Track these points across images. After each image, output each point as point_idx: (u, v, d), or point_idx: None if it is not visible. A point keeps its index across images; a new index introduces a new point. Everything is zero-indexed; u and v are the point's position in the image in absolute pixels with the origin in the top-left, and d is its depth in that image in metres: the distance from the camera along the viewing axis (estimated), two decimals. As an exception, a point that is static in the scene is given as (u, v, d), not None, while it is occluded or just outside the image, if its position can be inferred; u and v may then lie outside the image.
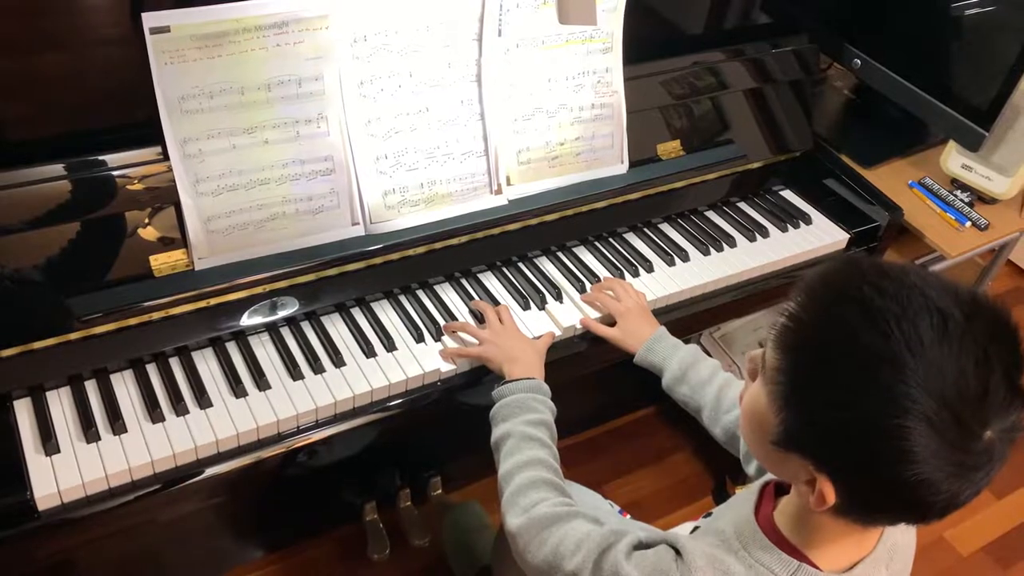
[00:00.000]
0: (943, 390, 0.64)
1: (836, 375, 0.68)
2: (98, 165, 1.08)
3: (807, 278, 0.73)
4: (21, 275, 1.04)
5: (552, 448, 1.05)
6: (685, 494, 1.86)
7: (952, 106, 1.53)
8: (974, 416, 0.65)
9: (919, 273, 0.70)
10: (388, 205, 1.24)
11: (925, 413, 0.64)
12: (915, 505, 0.69)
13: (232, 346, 1.17)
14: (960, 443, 0.65)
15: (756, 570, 0.78)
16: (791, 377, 0.71)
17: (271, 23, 1.10)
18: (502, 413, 1.07)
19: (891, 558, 0.82)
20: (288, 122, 1.15)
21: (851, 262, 0.74)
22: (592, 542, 0.87)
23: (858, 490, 0.71)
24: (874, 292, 0.68)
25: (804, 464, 0.72)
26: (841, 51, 1.71)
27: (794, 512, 0.80)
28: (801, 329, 0.71)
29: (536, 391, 1.09)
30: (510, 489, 0.98)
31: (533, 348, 1.18)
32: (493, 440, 1.07)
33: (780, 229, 1.53)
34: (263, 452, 1.09)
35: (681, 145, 1.48)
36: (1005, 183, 1.57)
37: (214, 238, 1.14)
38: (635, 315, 1.27)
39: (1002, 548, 1.87)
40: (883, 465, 0.67)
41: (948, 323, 0.66)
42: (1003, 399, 0.66)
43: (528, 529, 0.94)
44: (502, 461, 1.03)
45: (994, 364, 0.65)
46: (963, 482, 0.67)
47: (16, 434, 1.02)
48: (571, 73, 1.34)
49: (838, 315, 0.69)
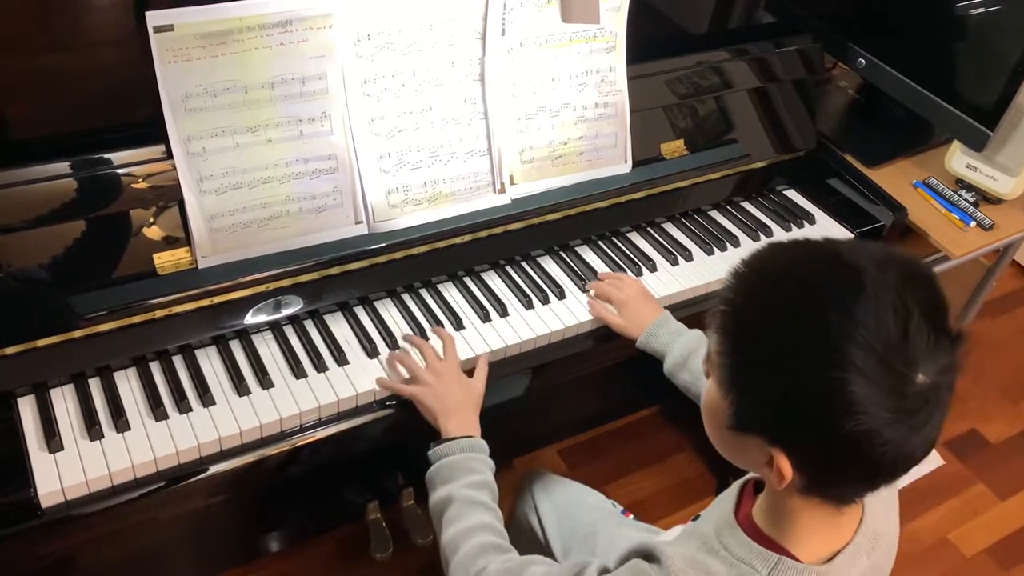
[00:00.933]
0: (866, 339, 0.66)
1: (768, 346, 0.72)
2: (102, 163, 1.08)
3: (735, 265, 0.77)
4: (25, 273, 1.05)
5: (496, 511, 1.02)
6: (687, 494, 1.86)
7: (957, 106, 1.53)
8: (900, 359, 0.67)
9: (834, 240, 0.75)
10: (391, 204, 1.24)
11: (854, 363, 0.66)
12: (864, 460, 0.70)
13: (235, 344, 1.17)
14: (893, 387, 0.67)
15: (737, 567, 0.78)
16: (732, 359, 0.75)
17: (274, 22, 1.10)
18: (442, 475, 1.04)
19: (873, 547, 0.82)
20: (291, 121, 1.15)
21: (773, 244, 0.78)
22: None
23: (809, 457, 0.72)
24: (790, 262, 0.74)
25: (760, 444, 0.74)
26: (845, 50, 1.71)
27: (768, 505, 0.81)
28: (734, 310, 0.75)
29: (474, 450, 1.06)
30: (457, 558, 0.96)
31: (470, 398, 1.13)
32: (432, 503, 1.03)
33: (784, 229, 1.52)
34: (266, 450, 1.09)
35: (685, 144, 1.48)
36: (1010, 183, 1.57)
37: (217, 236, 1.14)
38: (637, 301, 1.27)
39: (1005, 550, 1.87)
40: (825, 422, 0.69)
41: (863, 276, 0.69)
42: (927, 341, 0.68)
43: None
44: (445, 527, 0.99)
45: (911, 308, 0.68)
46: (905, 428, 0.69)
47: (20, 432, 1.02)
48: (574, 72, 1.34)
49: (762, 289, 0.74)
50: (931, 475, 1.97)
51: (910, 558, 1.79)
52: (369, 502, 1.56)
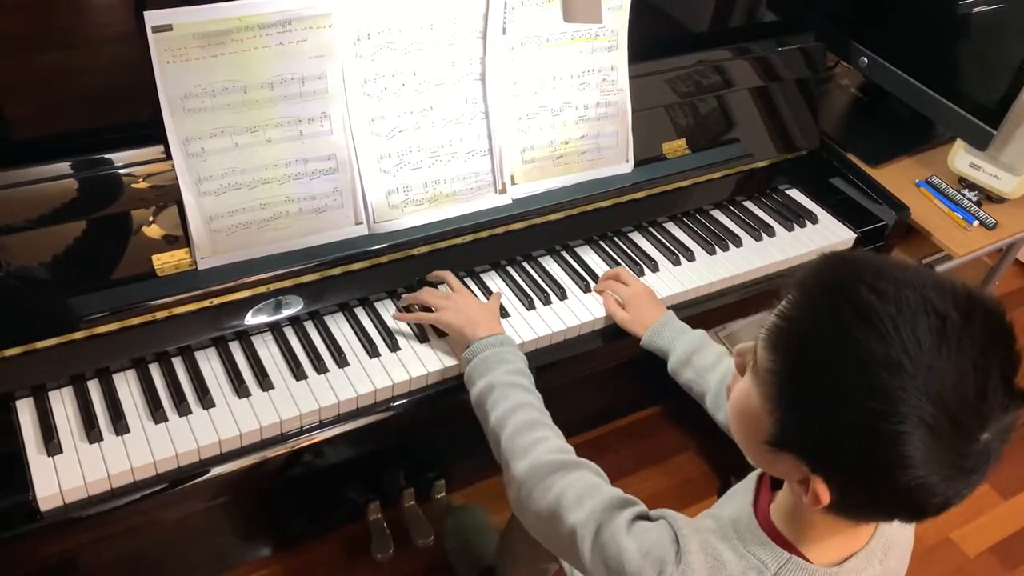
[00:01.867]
0: (942, 394, 0.63)
1: (832, 377, 0.67)
2: (100, 164, 1.08)
3: (800, 276, 0.72)
4: (23, 274, 1.04)
5: (536, 393, 1.05)
6: (690, 494, 1.85)
7: (960, 104, 1.52)
8: (973, 420, 0.64)
9: (916, 271, 0.69)
10: (392, 204, 1.23)
11: (923, 418, 0.63)
12: (910, 507, 0.69)
13: (235, 346, 1.16)
14: (957, 447, 0.65)
15: (747, 560, 0.78)
16: (785, 378, 0.71)
17: (274, 21, 1.09)
18: (478, 369, 1.07)
19: (885, 553, 0.82)
20: (291, 121, 1.14)
21: (846, 260, 0.73)
22: (597, 502, 0.87)
23: (853, 492, 0.71)
24: (871, 293, 0.66)
25: (797, 464, 0.72)
26: (848, 49, 1.70)
27: (787, 507, 0.80)
28: (794, 329, 0.70)
29: (505, 344, 1.10)
30: (506, 434, 0.98)
31: (490, 309, 1.19)
32: (475, 396, 1.06)
33: (786, 228, 1.52)
34: (266, 452, 1.09)
35: (687, 144, 1.48)
36: (1013, 182, 1.56)
37: (217, 237, 1.13)
38: (643, 299, 1.27)
39: (1009, 549, 1.86)
40: (879, 469, 0.66)
41: (946, 325, 0.64)
42: (1000, 401, 0.65)
43: (532, 474, 0.93)
44: (490, 412, 1.02)
45: (992, 367, 0.65)
46: (959, 484, 0.67)
47: (18, 434, 1.02)
48: (576, 71, 1.33)
49: (834, 315, 0.68)
50: (934, 475, 1.97)
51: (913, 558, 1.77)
52: (370, 503, 1.55)
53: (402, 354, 1.19)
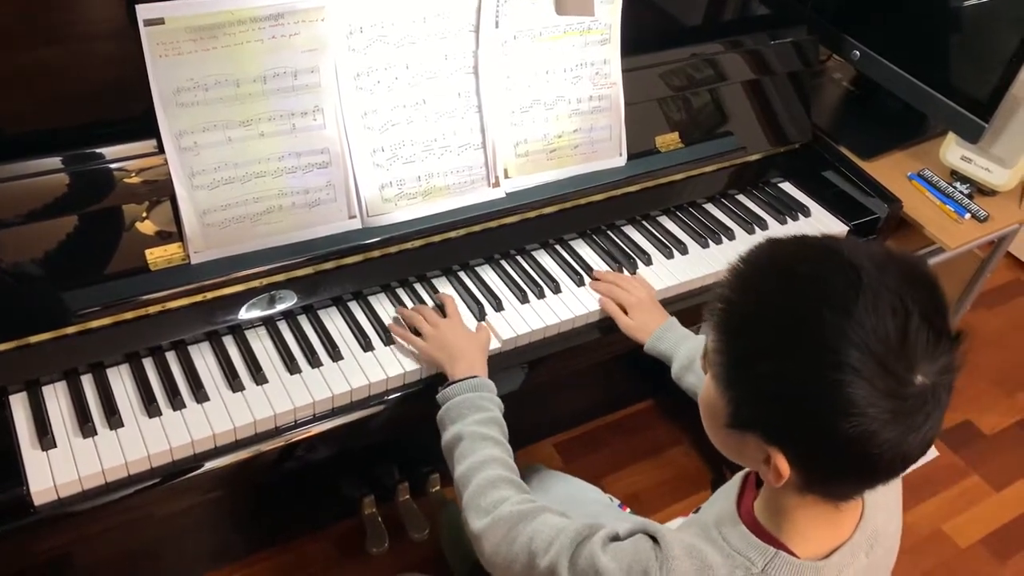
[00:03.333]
0: (864, 340, 0.66)
1: (766, 344, 0.71)
2: (93, 158, 1.07)
3: (733, 261, 0.76)
4: (16, 269, 1.04)
5: (506, 445, 1.03)
6: (684, 487, 1.86)
7: (951, 97, 1.53)
8: (900, 362, 0.67)
9: (834, 238, 0.74)
10: (385, 198, 1.23)
11: (852, 364, 0.66)
12: (862, 459, 0.70)
13: (229, 340, 1.16)
14: (891, 389, 0.67)
15: (733, 558, 0.78)
16: (729, 355, 0.74)
17: (266, 15, 1.09)
18: (450, 415, 1.05)
19: (871, 546, 0.82)
20: (284, 115, 1.14)
21: (772, 240, 0.77)
22: (566, 536, 0.86)
23: (807, 455, 0.72)
24: (788, 259, 0.73)
25: (758, 442, 0.74)
26: (840, 43, 1.71)
27: (767, 500, 0.81)
28: (731, 307, 0.74)
29: (482, 389, 1.08)
30: (470, 491, 0.97)
31: (475, 344, 1.16)
32: (444, 443, 1.04)
33: (779, 222, 1.52)
34: (260, 446, 1.09)
35: (680, 137, 1.48)
36: (1005, 175, 1.57)
37: (210, 231, 1.13)
38: (646, 306, 1.27)
39: (1000, 540, 1.88)
40: (823, 423, 0.68)
41: (861, 275, 0.68)
42: (927, 342, 0.67)
43: (494, 529, 0.92)
44: (457, 463, 1.01)
45: (911, 308, 0.67)
46: (902, 428, 0.68)
47: (12, 429, 1.01)
48: (569, 65, 1.33)
49: (760, 286, 0.73)
50: (925, 466, 1.98)
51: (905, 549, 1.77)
52: (365, 497, 1.55)
53: (396, 348, 1.19)
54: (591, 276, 1.34)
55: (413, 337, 1.18)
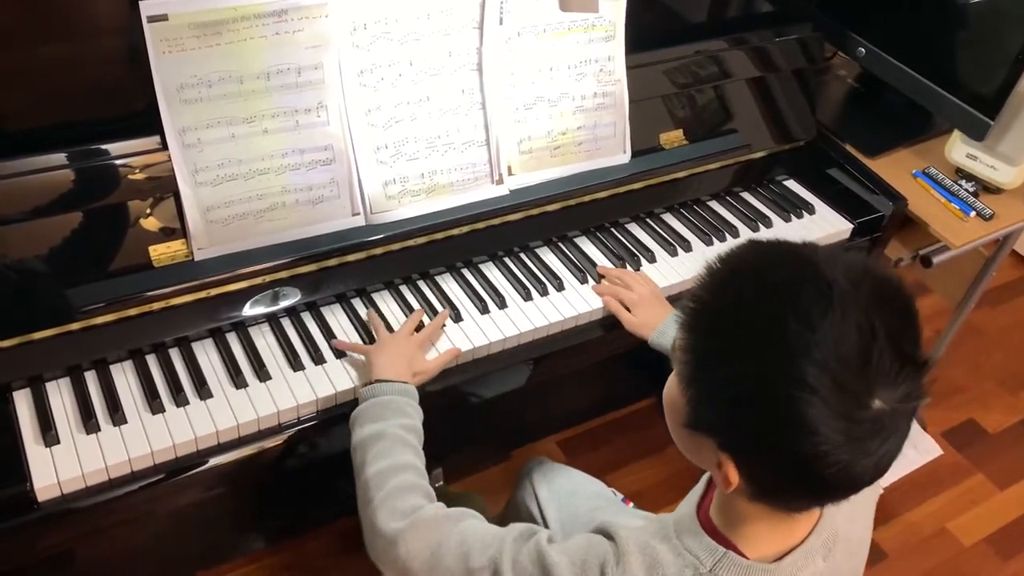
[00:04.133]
0: (824, 357, 0.64)
1: (729, 347, 0.70)
2: (96, 155, 1.07)
3: (710, 260, 0.75)
4: (19, 265, 1.04)
5: (423, 457, 1.00)
6: (687, 484, 1.82)
7: (957, 95, 1.52)
8: (858, 384, 0.65)
9: (816, 246, 0.72)
10: (389, 195, 1.23)
11: (809, 382, 0.64)
12: (811, 479, 0.68)
13: (232, 337, 1.16)
14: (847, 412, 0.65)
15: (683, 557, 0.78)
16: (693, 355, 0.73)
17: (270, 11, 1.09)
18: (373, 412, 1.02)
19: (829, 550, 0.81)
20: (287, 111, 1.14)
21: (751, 242, 0.75)
22: (505, 536, 0.84)
23: (756, 467, 0.71)
24: (765, 264, 0.71)
25: (712, 446, 0.73)
26: (845, 39, 1.70)
27: (720, 502, 0.80)
28: (701, 306, 0.73)
29: (409, 396, 1.05)
30: (384, 492, 0.93)
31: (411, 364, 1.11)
32: (360, 439, 1.00)
33: (783, 219, 1.52)
34: (263, 443, 1.09)
35: (684, 134, 1.48)
36: (1010, 172, 1.56)
37: (213, 228, 1.13)
38: (649, 302, 1.27)
39: (1004, 539, 1.87)
40: (774, 436, 0.67)
41: (833, 289, 0.66)
42: (889, 367, 0.65)
43: (414, 531, 0.89)
44: (372, 461, 0.96)
45: (878, 331, 0.65)
46: (854, 452, 0.66)
47: (16, 425, 1.02)
48: (573, 61, 1.33)
49: (732, 289, 0.71)
50: (930, 465, 1.98)
51: (909, 548, 1.79)
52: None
53: (399, 345, 1.19)
54: (597, 275, 1.33)
55: (359, 345, 1.16)
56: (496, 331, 1.23)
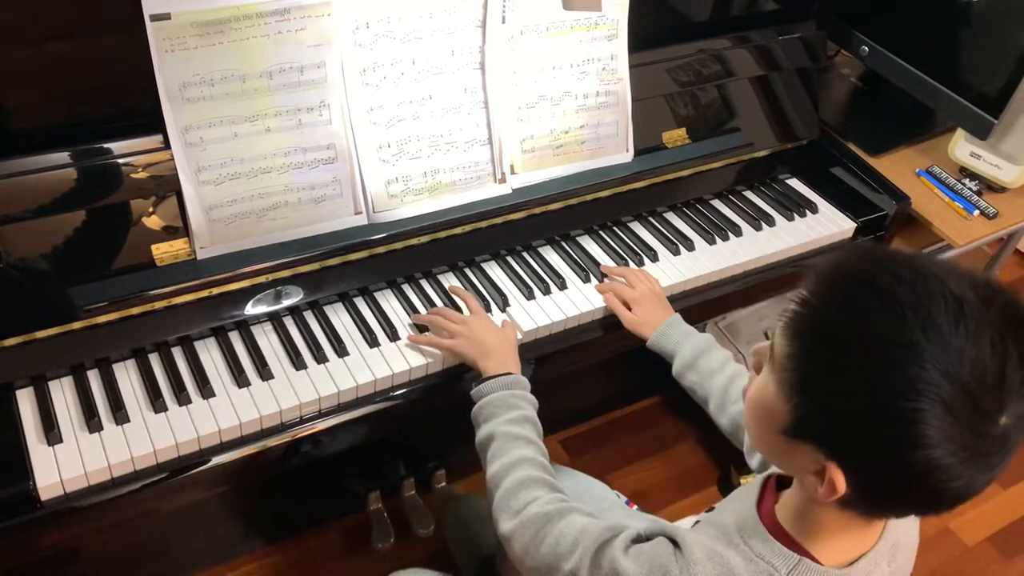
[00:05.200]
0: (960, 373, 0.63)
1: (850, 360, 0.68)
2: (99, 154, 1.07)
3: (819, 264, 0.73)
4: (23, 264, 1.04)
5: (539, 444, 1.03)
6: (690, 484, 1.86)
7: (961, 93, 1.52)
8: (991, 401, 0.64)
9: (933, 260, 0.70)
10: (391, 194, 1.23)
11: (941, 396, 0.63)
12: (927, 492, 0.68)
13: (235, 336, 1.16)
14: (976, 428, 0.64)
15: (756, 564, 0.77)
16: (803, 363, 0.71)
17: (272, 10, 1.09)
18: (483, 414, 1.05)
19: (893, 555, 0.81)
20: (290, 110, 1.14)
21: (864, 249, 0.73)
22: (588, 539, 0.85)
23: (870, 477, 0.70)
24: (888, 277, 0.67)
25: (814, 454, 0.71)
26: (848, 38, 1.70)
27: (796, 506, 0.79)
28: (813, 314, 0.71)
29: (515, 387, 1.07)
30: (500, 492, 0.97)
31: (506, 340, 1.15)
32: (478, 442, 1.05)
33: (786, 218, 1.51)
34: (266, 442, 1.09)
35: (687, 133, 1.47)
36: (1014, 171, 1.56)
37: (216, 227, 1.13)
38: (649, 301, 1.26)
39: (1007, 538, 1.87)
40: (897, 450, 0.66)
41: (964, 307, 0.65)
42: (1020, 384, 0.65)
43: (522, 531, 0.92)
44: (489, 463, 1.01)
45: (1010, 348, 0.65)
46: (976, 468, 0.66)
47: (18, 424, 1.02)
48: (576, 60, 1.32)
49: (851, 299, 0.69)
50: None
51: (912, 547, 1.79)
52: (371, 492, 1.55)
53: (402, 344, 1.19)
54: (600, 273, 1.33)
55: (440, 340, 1.17)
56: (499, 330, 1.23)
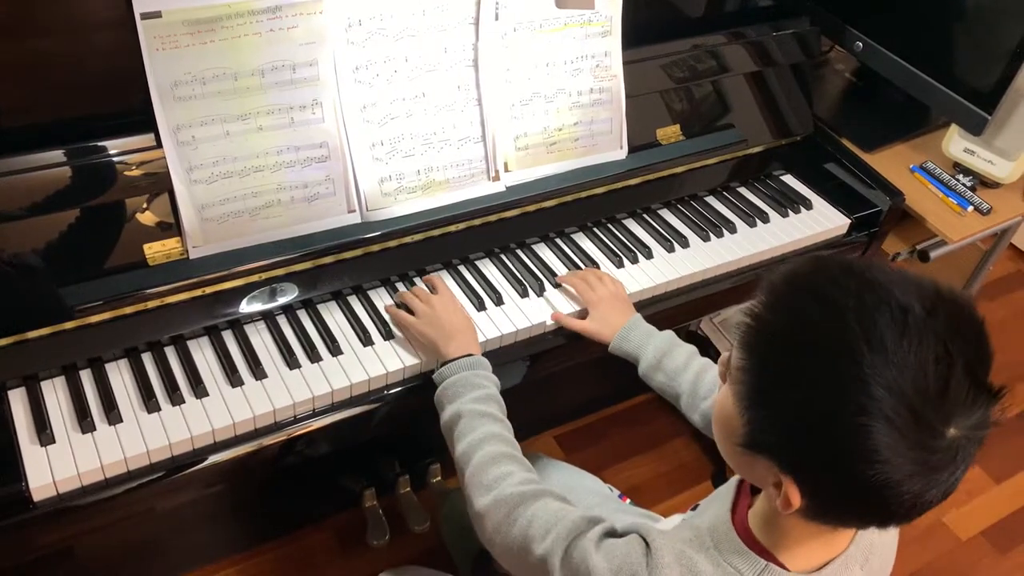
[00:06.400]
0: (902, 386, 0.63)
1: (797, 372, 0.68)
2: (90, 152, 1.07)
3: (771, 277, 0.73)
4: (13, 264, 1.04)
5: (505, 422, 1.03)
6: (684, 479, 1.86)
7: (954, 89, 1.52)
8: (935, 414, 0.64)
9: (883, 268, 0.69)
10: (384, 192, 1.23)
11: (884, 411, 0.63)
12: (878, 506, 0.68)
13: (228, 335, 1.16)
14: (922, 441, 0.64)
15: (723, 569, 0.77)
16: (755, 376, 0.71)
17: (264, 7, 1.08)
18: (447, 394, 1.05)
19: (867, 558, 0.81)
20: (282, 108, 1.14)
21: (815, 259, 0.73)
22: (562, 526, 0.85)
23: (821, 491, 0.70)
24: (835, 288, 0.67)
25: (770, 467, 0.71)
26: (842, 33, 1.69)
27: (764, 513, 0.79)
28: (763, 327, 0.71)
29: (478, 367, 1.07)
30: (471, 469, 0.96)
31: (468, 323, 1.16)
32: (443, 423, 1.04)
33: (780, 214, 1.51)
34: (260, 441, 1.09)
35: (681, 130, 1.47)
36: (1008, 167, 1.56)
37: (208, 226, 1.13)
38: (608, 304, 1.24)
39: (1000, 532, 1.88)
40: (845, 464, 0.65)
41: (908, 317, 0.64)
42: (966, 396, 0.64)
43: (496, 509, 0.92)
44: (456, 442, 1.00)
45: (955, 359, 0.64)
46: (926, 482, 0.66)
47: (11, 424, 1.01)
48: (569, 57, 1.32)
49: (799, 311, 0.69)
50: (927, 459, 1.98)
51: (905, 542, 1.78)
52: (366, 490, 1.55)
53: (396, 342, 1.19)
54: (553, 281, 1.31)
55: (403, 315, 1.17)
56: (492, 328, 1.23)
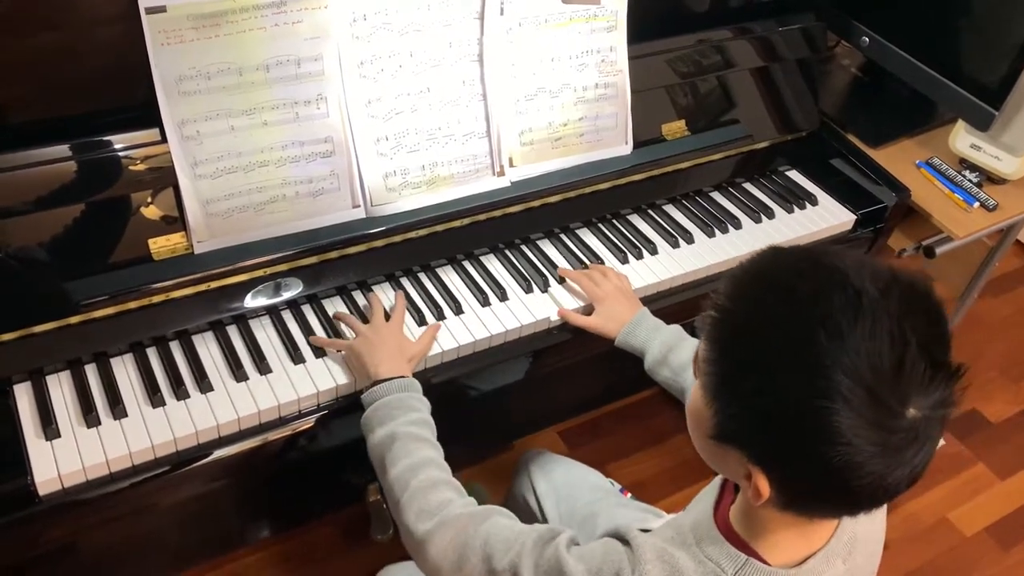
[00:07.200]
0: (859, 368, 0.63)
1: (757, 360, 0.69)
2: (95, 147, 1.07)
3: (733, 269, 0.74)
4: (19, 258, 1.04)
5: (438, 447, 1.00)
6: (687, 474, 1.86)
7: (961, 85, 1.51)
8: (892, 394, 0.64)
9: (838, 254, 0.70)
10: (389, 187, 1.23)
11: (842, 393, 0.63)
12: (843, 490, 0.68)
13: (233, 330, 1.16)
14: (880, 422, 0.64)
15: (704, 565, 0.77)
16: (719, 366, 0.72)
17: (269, 2, 1.08)
18: (378, 416, 1.01)
19: (849, 552, 0.80)
20: (287, 103, 1.13)
21: (774, 249, 0.74)
22: (528, 538, 0.84)
23: (788, 479, 0.70)
24: (791, 275, 0.69)
25: (740, 458, 0.72)
26: (849, 29, 1.69)
27: (743, 508, 0.79)
28: (725, 318, 0.72)
29: (411, 389, 1.04)
30: (408, 494, 0.93)
31: (403, 352, 1.11)
32: (373, 444, 1.00)
33: (786, 210, 1.51)
34: (265, 436, 1.09)
35: (686, 125, 1.47)
36: (1014, 163, 1.55)
37: (213, 221, 1.13)
38: (613, 299, 1.24)
39: (1004, 529, 1.87)
40: (807, 449, 0.66)
41: (862, 299, 0.65)
42: (923, 375, 0.64)
43: (442, 532, 0.89)
44: (390, 465, 0.97)
45: (909, 338, 0.64)
46: (888, 462, 0.66)
47: (16, 419, 1.02)
48: (574, 52, 1.32)
49: (756, 300, 0.70)
50: (931, 455, 1.98)
51: (910, 538, 1.80)
52: (369, 484, 1.55)
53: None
54: (557, 275, 1.31)
55: (337, 341, 1.15)
56: (497, 324, 1.23)
